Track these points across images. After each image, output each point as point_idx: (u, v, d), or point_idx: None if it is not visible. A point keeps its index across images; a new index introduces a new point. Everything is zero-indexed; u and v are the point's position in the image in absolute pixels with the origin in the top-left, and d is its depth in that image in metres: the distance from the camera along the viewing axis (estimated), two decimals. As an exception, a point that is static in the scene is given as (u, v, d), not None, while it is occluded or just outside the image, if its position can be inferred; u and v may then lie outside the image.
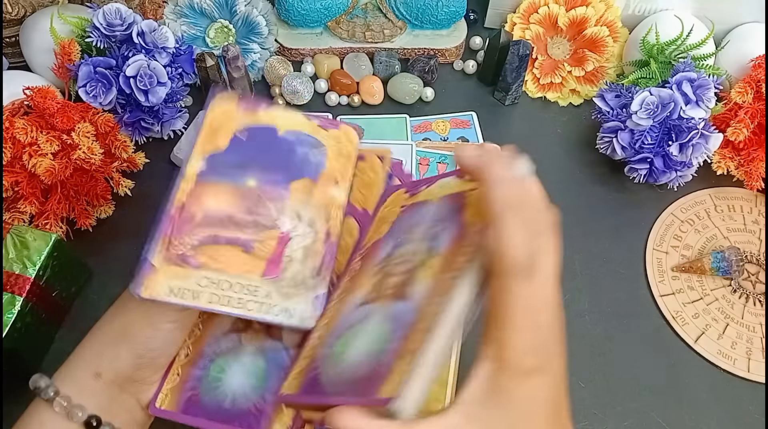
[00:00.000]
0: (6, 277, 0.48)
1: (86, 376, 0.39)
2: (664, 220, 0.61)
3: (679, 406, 0.51)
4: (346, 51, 0.70)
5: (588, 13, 0.67)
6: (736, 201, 0.62)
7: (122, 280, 0.56)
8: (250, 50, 0.68)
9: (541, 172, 0.64)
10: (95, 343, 0.40)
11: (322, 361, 0.36)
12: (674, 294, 0.57)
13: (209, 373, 0.40)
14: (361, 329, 0.35)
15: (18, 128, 0.51)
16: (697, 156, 0.57)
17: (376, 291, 0.36)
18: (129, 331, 0.39)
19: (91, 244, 0.57)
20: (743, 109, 0.59)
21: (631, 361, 0.53)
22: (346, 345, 0.35)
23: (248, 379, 0.40)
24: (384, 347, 0.33)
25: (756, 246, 0.60)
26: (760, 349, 0.54)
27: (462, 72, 0.71)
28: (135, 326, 0.39)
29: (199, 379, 0.40)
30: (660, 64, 0.63)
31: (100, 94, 0.57)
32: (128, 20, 0.58)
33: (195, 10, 0.67)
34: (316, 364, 0.36)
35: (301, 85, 0.66)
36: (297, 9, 0.67)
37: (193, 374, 0.41)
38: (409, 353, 0.32)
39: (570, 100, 0.69)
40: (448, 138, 0.65)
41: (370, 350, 0.34)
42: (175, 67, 0.60)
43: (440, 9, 0.68)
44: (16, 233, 0.50)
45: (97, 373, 0.39)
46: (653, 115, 0.57)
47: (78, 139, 0.53)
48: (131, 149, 0.58)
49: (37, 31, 0.60)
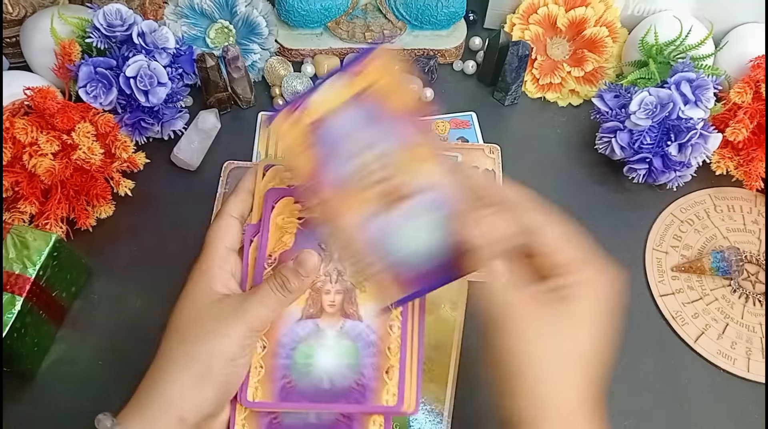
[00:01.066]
0: (6, 277, 0.48)
1: (170, 420, 0.37)
2: (663, 220, 0.61)
3: (679, 406, 0.51)
4: (346, 52, 0.70)
5: (587, 13, 0.67)
6: (736, 201, 0.62)
7: (122, 280, 0.57)
8: (250, 51, 0.68)
9: (540, 172, 0.65)
10: (175, 384, 0.38)
11: (288, 371, 0.41)
12: (674, 294, 0.57)
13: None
14: (321, 343, 0.42)
15: (18, 128, 0.51)
16: (696, 156, 0.57)
17: (315, 307, 0.42)
18: (212, 372, 0.38)
19: (91, 244, 0.57)
20: (742, 110, 0.59)
21: (631, 361, 0.53)
22: (308, 357, 0.41)
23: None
24: (358, 364, 0.41)
25: (756, 246, 0.60)
26: (759, 349, 0.54)
27: (462, 72, 0.72)
28: (215, 366, 0.38)
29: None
30: (659, 65, 0.63)
31: (101, 94, 0.57)
32: (128, 21, 0.58)
33: (195, 11, 0.67)
34: (283, 373, 0.41)
35: (301, 86, 0.67)
36: (297, 10, 0.67)
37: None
38: (390, 369, 0.41)
39: (569, 101, 0.69)
40: (447, 138, 0.65)
41: (344, 364, 0.41)
42: (176, 67, 0.60)
43: (440, 9, 0.68)
44: (16, 233, 0.50)
45: (182, 418, 0.37)
46: (652, 115, 0.57)
47: (78, 140, 0.53)
48: (131, 149, 0.58)
49: (38, 31, 0.61)
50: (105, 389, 0.50)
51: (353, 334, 0.42)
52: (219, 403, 0.39)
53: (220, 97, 0.65)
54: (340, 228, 0.41)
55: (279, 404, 0.41)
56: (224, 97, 0.65)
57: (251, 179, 0.45)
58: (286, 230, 0.44)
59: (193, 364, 0.38)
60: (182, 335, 0.39)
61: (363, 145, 0.41)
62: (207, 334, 0.38)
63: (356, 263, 0.41)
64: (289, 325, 0.43)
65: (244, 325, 0.39)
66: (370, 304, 0.42)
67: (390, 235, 0.40)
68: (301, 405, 0.41)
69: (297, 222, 0.44)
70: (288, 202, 0.45)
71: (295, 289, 0.41)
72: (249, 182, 0.45)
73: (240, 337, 0.38)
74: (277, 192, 0.45)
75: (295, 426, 0.42)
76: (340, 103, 0.42)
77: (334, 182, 0.41)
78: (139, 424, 0.37)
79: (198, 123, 0.63)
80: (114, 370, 0.51)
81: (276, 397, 0.41)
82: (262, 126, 0.46)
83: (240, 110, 0.67)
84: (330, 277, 0.44)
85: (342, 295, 0.43)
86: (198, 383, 0.37)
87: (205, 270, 0.41)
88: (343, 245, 0.41)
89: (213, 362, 0.38)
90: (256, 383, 0.41)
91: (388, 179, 0.40)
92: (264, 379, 0.41)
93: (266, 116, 0.44)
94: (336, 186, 0.41)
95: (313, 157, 0.42)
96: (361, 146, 0.41)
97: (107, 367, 0.52)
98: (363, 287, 0.43)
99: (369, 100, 0.41)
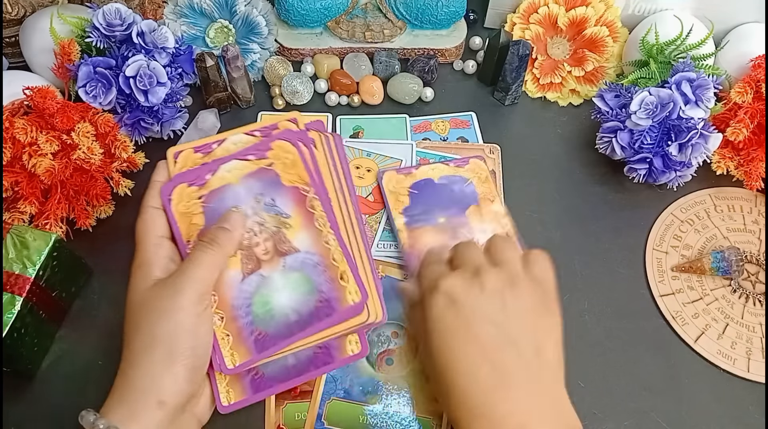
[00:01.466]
0: (6, 277, 0.48)
1: (150, 406, 0.37)
2: (663, 220, 0.61)
3: (679, 406, 0.51)
4: (345, 51, 0.70)
5: (588, 13, 0.67)
6: (736, 201, 0.62)
7: (122, 280, 0.57)
8: (249, 50, 0.68)
9: (540, 173, 0.65)
10: (146, 372, 0.38)
11: (254, 326, 0.43)
12: (674, 294, 0.57)
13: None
14: (272, 288, 0.44)
15: (18, 128, 0.51)
16: (696, 156, 0.57)
17: (251, 262, 0.45)
18: (176, 349, 0.38)
19: (91, 244, 0.57)
20: (743, 109, 0.59)
21: (631, 361, 0.53)
22: (266, 304, 0.44)
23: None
24: (313, 285, 0.44)
25: (756, 246, 0.60)
26: (759, 349, 0.54)
27: (462, 72, 0.71)
28: (178, 342, 0.38)
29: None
30: (659, 64, 0.63)
31: (100, 94, 0.57)
32: (128, 20, 0.58)
33: (195, 10, 0.67)
34: (250, 329, 0.43)
35: (300, 85, 0.66)
36: (297, 9, 0.67)
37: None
38: (343, 273, 0.45)
39: (570, 100, 0.69)
40: (447, 138, 0.65)
41: (301, 292, 0.44)
42: (175, 67, 0.60)
43: (440, 9, 0.68)
44: (16, 233, 0.50)
45: (160, 401, 0.37)
46: (652, 115, 0.57)
47: (78, 139, 0.53)
48: (131, 149, 0.58)
49: (37, 31, 0.60)
50: (105, 389, 0.50)
51: (297, 265, 0.45)
52: (193, 379, 0.39)
53: (220, 96, 0.65)
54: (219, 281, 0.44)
55: (259, 356, 0.43)
56: (224, 97, 0.65)
57: (161, 171, 0.48)
58: (192, 213, 0.46)
59: (156, 348, 0.38)
60: (138, 324, 0.40)
61: (247, 214, 0.46)
62: (160, 314, 0.39)
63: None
64: (236, 287, 0.44)
65: (191, 291, 0.39)
66: (300, 234, 0.46)
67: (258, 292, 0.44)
68: (279, 346, 0.43)
69: (199, 202, 0.46)
70: (182, 188, 0.47)
71: (225, 243, 0.42)
72: (160, 175, 0.47)
73: (191, 305, 0.39)
74: (167, 186, 0.47)
75: (277, 374, 0.44)
76: (240, 177, 0.47)
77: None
78: (121, 415, 0.37)
79: (198, 123, 0.63)
80: (114, 370, 0.51)
81: (253, 352, 0.43)
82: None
83: (240, 110, 0.67)
84: (252, 231, 0.46)
85: (271, 240, 0.46)
86: (166, 364, 0.38)
87: (142, 262, 0.42)
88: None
89: (174, 340, 0.38)
90: (229, 350, 0.43)
91: (268, 241, 0.46)
92: (235, 343, 0.43)
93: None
94: None
95: (199, 221, 0.46)
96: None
97: (107, 367, 0.51)
98: (287, 225, 0.46)
99: (265, 176, 0.47)
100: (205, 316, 0.40)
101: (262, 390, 0.44)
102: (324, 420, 0.48)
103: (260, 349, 0.43)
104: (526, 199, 0.61)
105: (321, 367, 0.45)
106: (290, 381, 0.45)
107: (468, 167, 0.60)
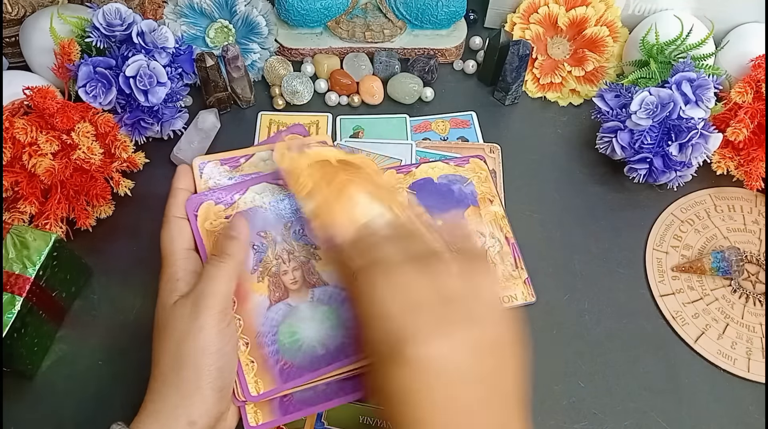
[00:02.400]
0: (6, 277, 0.48)
1: (181, 426, 0.37)
2: (663, 220, 0.61)
3: (679, 406, 0.51)
4: (346, 51, 0.70)
5: (588, 13, 0.67)
6: (736, 201, 0.62)
7: (122, 280, 0.57)
8: (250, 50, 0.68)
9: (540, 172, 0.65)
10: (176, 391, 0.38)
11: (279, 355, 0.42)
12: (674, 294, 0.57)
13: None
14: (299, 318, 0.43)
15: (18, 128, 0.51)
16: (696, 156, 0.57)
17: (279, 290, 0.44)
18: (203, 369, 0.38)
19: (91, 244, 0.57)
20: (743, 109, 0.59)
21: (631, 361, 0.53)
22: (293, 335, 0.43)
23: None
24: (341, 321, 0.43)
25: (756, 246, 0.60)
26: (760, 349, 0.54)
27: (462, 72, 0.71)
28: (203, 363, 0.38)
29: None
30: (660, 64, 0.63)
31: (100, 94, 0.57)
32: (128, 20, 0.58)
33: (195, 10, 0.67)
34: (276, 358, 0.42)
35: (301, 85, 0.66)
36: (297, 9, 0.67)
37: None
38: None
39: (570, 100, 0.69)
40: (447, 138, 0.65)
41: (329, 326, 0.43)
42: (175, 67, 0.60)
43: (440, 9, 0.68)
44: (16, 233, 0.50)
45: (191, 422, 0.37)
46: (653, 115, 0.57)
47: (78, 139, 0.53)
48: (131, 149, 0.58)
49: (37, 31, 0.60)
50: (105, 389, 0.51)
51: (325, 299, 0.44)
52: (221, 399, 0.39)
53: (220, 96, 0.65)
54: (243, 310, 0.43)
55: (284, 386, 0.42)
56: (224, 97, 0.65)
57: (183, 179, 0.46)
58: (218, 232, 0.45)
59: (183, 369, 0.38)
60: (164, 343, 0.39)
61: (277, 240, 0.46)
62: (184, 336, 0.38)
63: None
64: (262, 314, 0.44)
65: (209, 310, 0.39)
66: (329, 267, 0.45)
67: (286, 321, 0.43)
68: (305, 378, 0.42)
69: (225, 221, 0.45)
70: (208, 206, 0.46)
71: (236, 252, 0.42)
72: (182, 182, 0.46)
73: (214, 323, 0.39)
74: (193, 201, 0.46)
75: (307, 398, 0.44)
76: (270, 201, 0.47)
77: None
78: None
79: (198, 123, 0.63)
80: (114, 370, 0.51)
81: (278, 381, 0.42)
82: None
83: (240, 110, 0.67)
84: (281, 258, 0.45)
85: (300, 270, 0.45)
86: (194, 385, 0.38)
87: (171, 276, 0.42)
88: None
89: (199, 360, 0.38)
90: (253, 377, 0.42)
91: (297, 271, 0.45)
92: (260, 370, 0.42)
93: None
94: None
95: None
96: (270, 240, 0.46)
97: (107, 367, 0.52)
98: (317, 256, 0.45)
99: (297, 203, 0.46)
100: (228, 333, 0.40)
101: (291, 413, 0.44)
102: (324, 420, 0.48)
103: (285, 380, 0.42)
104: (526, 199, 0.61)
105: (350, 393, 0.44)
106: (319, 405, 0.44)
107: (468, 166, 0.59)
